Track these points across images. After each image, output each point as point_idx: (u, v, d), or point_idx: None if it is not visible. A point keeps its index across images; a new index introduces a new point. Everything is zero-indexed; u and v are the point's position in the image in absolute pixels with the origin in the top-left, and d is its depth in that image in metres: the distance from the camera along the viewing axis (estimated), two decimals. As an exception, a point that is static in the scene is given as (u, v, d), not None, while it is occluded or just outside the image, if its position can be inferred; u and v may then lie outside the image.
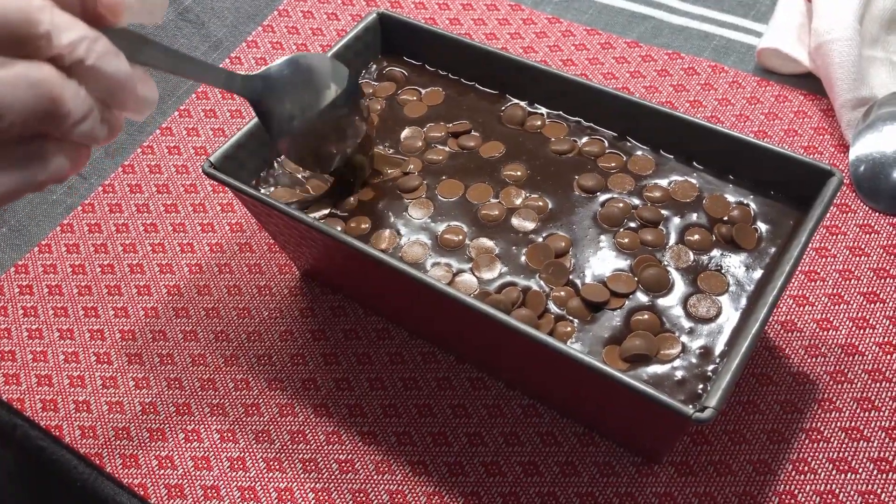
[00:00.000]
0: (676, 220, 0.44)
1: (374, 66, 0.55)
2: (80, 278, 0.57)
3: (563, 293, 0.42)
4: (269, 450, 0.48)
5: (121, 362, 0.53)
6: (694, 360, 0.39)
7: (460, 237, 0.45)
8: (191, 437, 0.49)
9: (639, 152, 0.48)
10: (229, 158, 0.46)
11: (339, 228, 0.45)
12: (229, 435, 0.49)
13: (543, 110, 0.51)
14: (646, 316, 0.41)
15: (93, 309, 0.55)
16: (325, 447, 0.48)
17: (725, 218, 0.44)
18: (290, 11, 0.70)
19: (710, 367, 0.39)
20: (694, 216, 0.44)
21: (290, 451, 0.48)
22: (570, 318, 0.41)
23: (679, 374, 0.39)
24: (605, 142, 0.48)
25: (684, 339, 0.40)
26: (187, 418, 0.50)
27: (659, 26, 0.66)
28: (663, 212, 0.45)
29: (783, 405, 0.47)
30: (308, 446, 0.48)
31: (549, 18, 0.67)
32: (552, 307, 0.41)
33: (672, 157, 0.47)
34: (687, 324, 0.40)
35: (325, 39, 0.68)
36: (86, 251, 0.58)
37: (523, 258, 0.43)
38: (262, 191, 0.48)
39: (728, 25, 0.65)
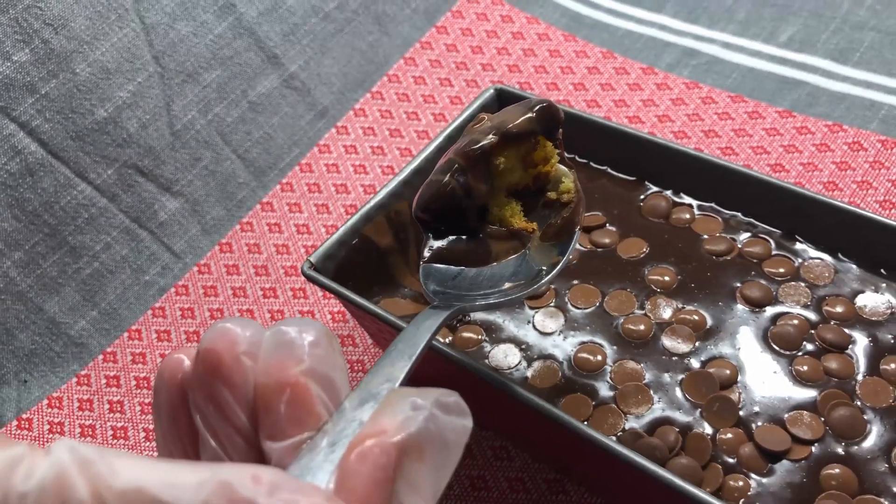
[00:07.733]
0: (867, 344, 0.37)
1: (493, 143, 0.49)
2: (171, 370, 0.52)
3: (731, 436, 0.34)
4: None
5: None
6: (907, 537, 0.31)
7: (599, 358, 0.38)
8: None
9: (812, 256, 0.40)
10: (333, 258, 0.41)
11: (447, 339, 0.39)
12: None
13: (692, 201, 0.44)
14: (838, 470, 0.33)
15: (183, 405, 0.51)
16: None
17: (930, 343, 0.36)
18: (400, 77, 0.65)
19: (932, 550, 0.31)
20: (889, 339, 0.37)
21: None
22: (743, 469, 0.33)
23: (888, 555, 0.31)
24: (771, 242, 0.41)
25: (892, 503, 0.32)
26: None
27: (815, 93, 0.58)
28: (849, 332, 0.37)
29: None
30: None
31: (687, 83, 0.60)
32: (719, 455, 0.34)
33: (853, 262, 0.40)
34: (894, 483, 0.32)
35: (437, 107, 0.63)
36: (177, 339, 0.54)
37: (679, 389, 0.36)
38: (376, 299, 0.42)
39: (897, 92, 0.57)
